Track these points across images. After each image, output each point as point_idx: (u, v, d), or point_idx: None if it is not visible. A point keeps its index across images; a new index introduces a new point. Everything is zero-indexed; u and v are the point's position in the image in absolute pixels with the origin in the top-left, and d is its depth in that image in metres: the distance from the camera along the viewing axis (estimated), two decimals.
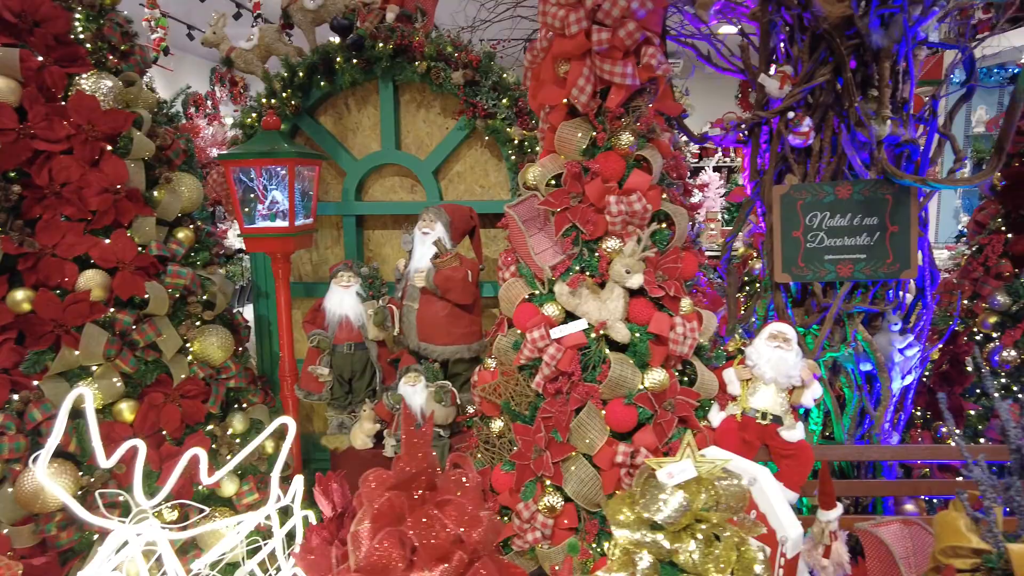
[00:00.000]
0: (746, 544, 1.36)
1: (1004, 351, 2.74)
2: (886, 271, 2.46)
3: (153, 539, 1.88)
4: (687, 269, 2.53)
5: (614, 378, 2.36)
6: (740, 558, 1.35)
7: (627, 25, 2.32)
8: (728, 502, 1.37)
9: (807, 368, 2.47)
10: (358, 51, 3.10)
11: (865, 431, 2.61)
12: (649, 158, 2.44)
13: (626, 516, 1.40)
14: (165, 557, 1.90)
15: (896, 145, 2.48)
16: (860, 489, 2.48)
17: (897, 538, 2.27)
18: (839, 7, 2.36)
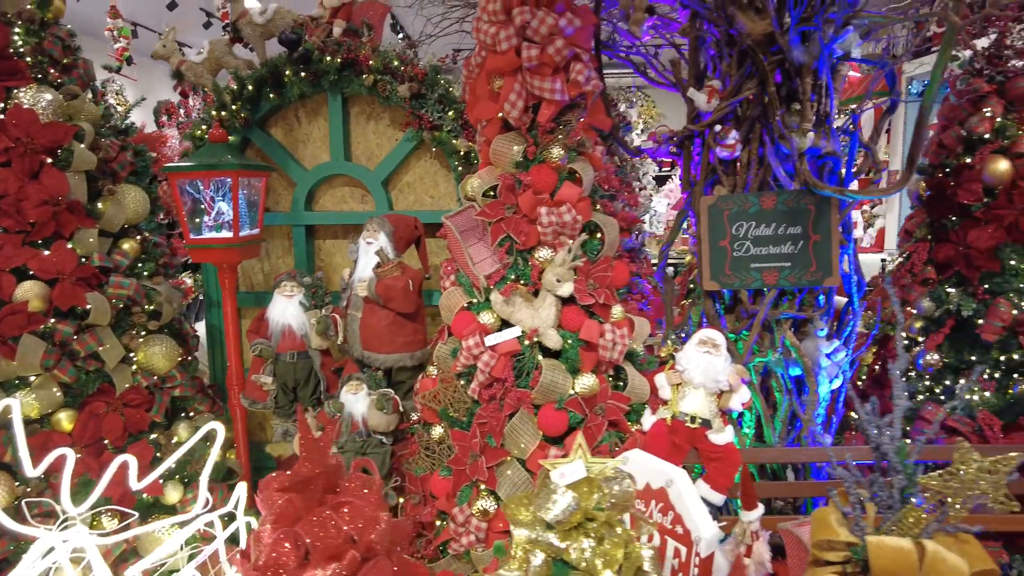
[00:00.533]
0: (632, 543, 1.43)
1: (927, 355, 2.83)
2: (809, 279, 2.54)
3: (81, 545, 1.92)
4: (618, 277, 2.61)
5: (545, 384, 2.43)
6: (628, 556, 1.41)
7: (555, 42, 2.40)
8: (616, 501, 1.43)
9: (735, 373, 2.54)
10: (306, 64, 3.16)
11: (797, 434, 2.69)
12: (580, 171, 2.51)
13: (523, 516, 1.46)
14: (93, 563, 1.93)
15: (818, 157, 2.57)
16: (783, 490, 2.55)
17: None
18: (760, 24, 2.46)
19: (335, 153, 3.37)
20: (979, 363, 2.76)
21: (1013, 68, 2.82)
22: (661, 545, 2.10)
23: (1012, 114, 2.81)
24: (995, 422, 2.65)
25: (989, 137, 2.82)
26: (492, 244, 2.57)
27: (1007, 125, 2.80)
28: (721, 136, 2.58)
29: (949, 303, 2.81)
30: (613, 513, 1.45)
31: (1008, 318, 2.68)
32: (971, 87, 2.87)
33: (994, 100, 2.83)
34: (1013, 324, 2.69)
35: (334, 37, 3.14)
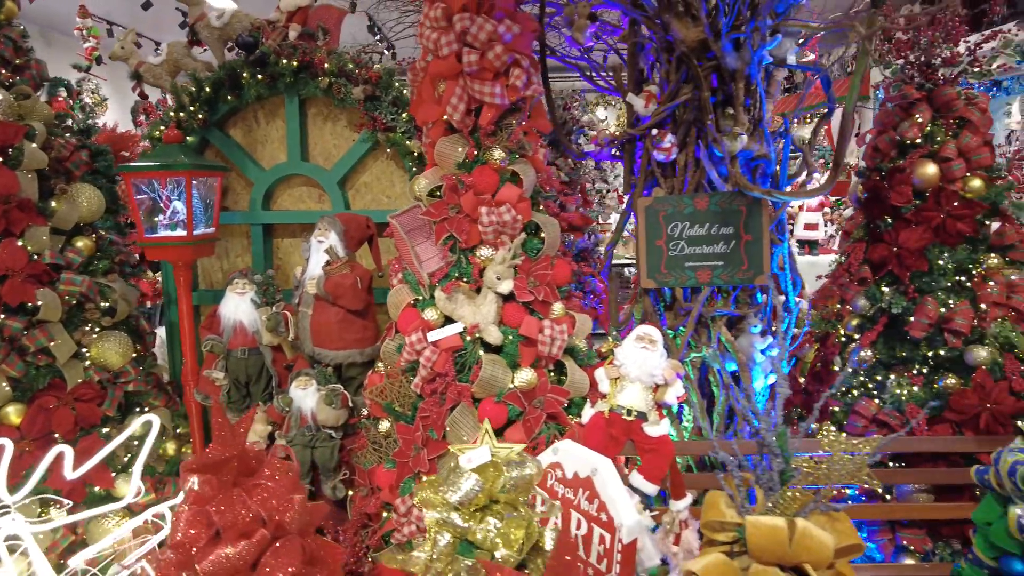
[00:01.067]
0: (533, 524, 1.51)
1: (862, 351, 2.94)
2: (741, 277, 2.64)
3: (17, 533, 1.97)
4: (559, 275, 2.69)
5: (485, 378, 2.50)
6: (529, 535, 1.49)
7: (495, 48, 2.48)
8: (516, 484, 1.50)
9: (670, 368, 2.63)
10: (262, 67, 3.22)
11: (736, 428, 2.79)
12: (520, 172, 2.59)
13: (433, 498, 1.54)
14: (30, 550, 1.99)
15: (751, 159, 2.67)
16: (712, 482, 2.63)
17: None
18: (694, 31, 2.56)
19: (292, 153, 3.44)
20: (909, 359, 2.87)
21: (941, 77, 2.94)
22: (588, 532, 2.19)
23: (940, 120, 2.93)
24: (921, 416, 2.75)
25: (920, 142, 2.93)
26: (437, 243, 2.65)
27: (935, 131, 2.91)
28: (657, 140, 2.67)
29: (882, 301, 2.91)
30: (515, 495, 1.52)
31: (934, 316, 2.78)
32: (902, 94, 2.98)
33: (923, 107, 2.94)
34: (939, 321, 2.79)
35: (290, 40, 3.20)
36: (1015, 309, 2.80)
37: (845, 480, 1.42)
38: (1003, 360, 2.74)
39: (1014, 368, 2.73)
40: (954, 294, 2.86)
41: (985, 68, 2.93)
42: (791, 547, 1.32)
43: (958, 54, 2.89)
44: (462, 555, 1.46)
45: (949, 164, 2.85)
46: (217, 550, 1.38)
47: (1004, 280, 2.85)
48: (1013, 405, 2.69)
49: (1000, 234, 2.90)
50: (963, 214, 2.85)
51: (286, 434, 2.85)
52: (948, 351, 2.80)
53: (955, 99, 2.89)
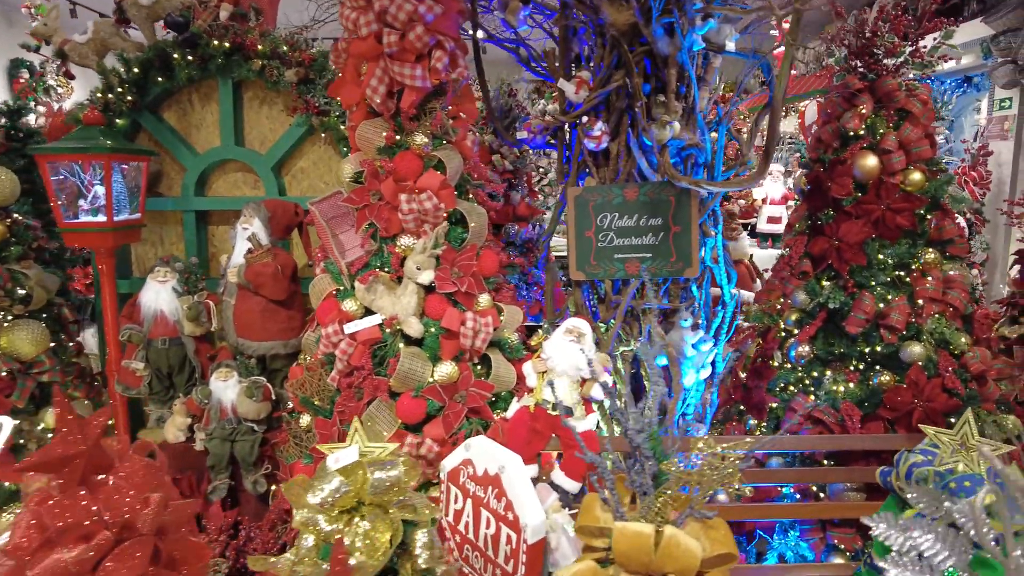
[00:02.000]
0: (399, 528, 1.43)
1: (800, 347, 2.88)
2: (670, 269, 2.57)
3: None
4: (486, 266, 2.61)
5: (403, 371, 2.43)
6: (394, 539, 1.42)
7: (415, 28, 2.39)
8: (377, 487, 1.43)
9: (597, 362, 2.57)
10: (192, 48, 3.11)
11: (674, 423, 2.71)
12: (444, 158, 2.51)
13: (301, 498, 1.46)
14: None
15: (682, 149, 2.59)
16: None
17: None
18: (623, 14, 2.47)
19: (225, 138, 3.33)
20: (846, 355, 2.81)
21: (884, 66, 2.87)
22: (496, 531, 2.12)
23: (882, 111, 2.86)
24: (856, 413, 2.70)
25: (863, 133, 2.86)
26: (357, 231, 2.56)
27: (877, 123, 2.85)
28: (587, 127, 2.58)
29: (821, 296, 2.85)
30: (385, 497, 1.45)
31: (870, 311, 2.73)
32: (845, 84, 2.91)
33: (866, 97, 2.87)
34: (876, 317, 2.74)
35: (221, 21, 3.09)
36: (951, 305, 2.75)
37: (716, 486, 1.35)
38: (938, 357, 2.70)
39: (948, 365, 2.68)
40: (893, 289, 2.80)
41: (927, 59, 2.85)
42: (656, 555, 1.25)
43: (899, 44, 2.81)
44: (323, 559, 1.38)
45: (889, 156, 2.78)
46: (53, 555, 1.30)
47: (942, 275, 2.80)
48: (946, 402, 2.64)
49: (939, 228, 2.84)
50: (902, 207, 2.79)
51: (206, 427, 2.76)
52: (884, 347, 2.74)
53: (896, 90, 2.82)
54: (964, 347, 2.72)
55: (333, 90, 2.58)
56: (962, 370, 2.71)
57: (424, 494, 2.48)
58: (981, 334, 2.92)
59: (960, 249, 2.89)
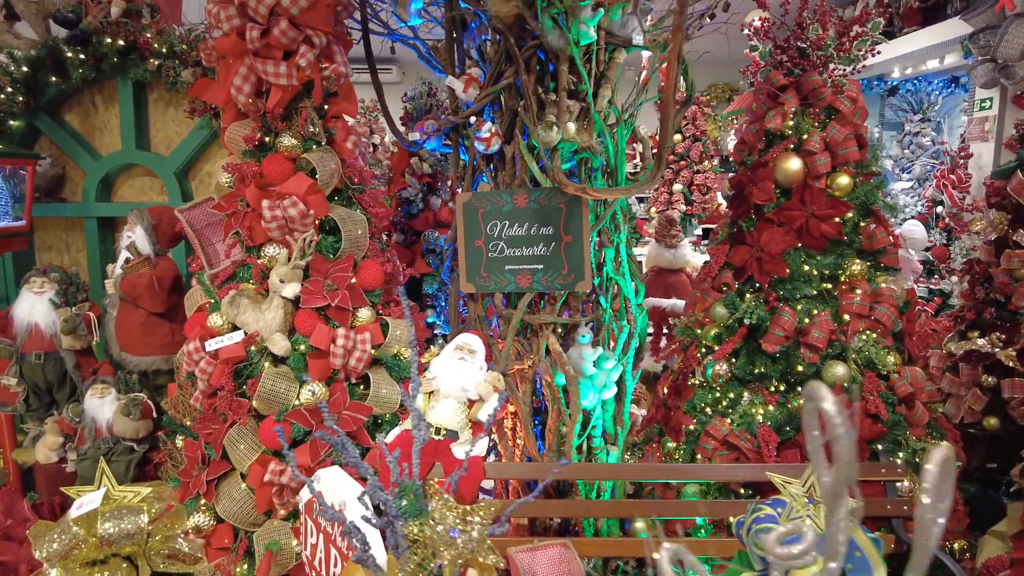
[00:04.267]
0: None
1: (716, 365, 2.65)
2: (562, 282, 2.36)
3: None
4: (366, 278, 2.42)
5: (264, 393, 2.25)
6: None
7: (280, 23, 2.22)
8: (111, 538, 1.24)
9: (486, 382, 2.37)
10: (84, 46, 2.96)
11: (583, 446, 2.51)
12: (314, 161, 2.33)
13: (39, 548, 1.28)
14: None
15: (574, 152, 2.38)
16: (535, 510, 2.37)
17: (548, 563, 2.17)
18: (507, 6, 2.27)
19: (126, 141, 3.18)
20: (766, 376, 2.59)
21: (811, 61, 2.64)
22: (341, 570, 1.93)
23: (808, 109, 2.64)
24: (773, 439, 2.47)
25: (790, 133, 2.64)
26: (225, 239, 2.39)
27: (803, 122, 2.62)
28: (475, 128, 2.39)
29: (739, 311, 2.63)
30: (133, 547, 1.26)
31: (790, 328, 2.50)
32: (769, 80, 2.69)
33: (791, 94, 2.64)
34: (797, 334, 2.51)
35: (112, 17, 2.94)
36: (879, 322, 2.51)
37: (465, 555, 1.15)
38: (863, 378, 2.47)
39: (873, 387, 2.45)
40: (819, 303, 2.58)
41: (854, 53, 2.62)
42: None
43: (823, 37, 2.59)
44: None
45: (813, 158, 2.56)
46: None
47: (871, 289, 2.57)
48: (870, 428, 2.42)
49: (870, 237, 2.61)
50: (827, 214, 2.56)
51: (79, 447, 2.60)
52: (806, 367, 2.52)
53: (822, 86, 2.59)
54: (892, 367, 2.49)
55: (197, 91, 2.41)
56: (890, 392, 2.48)
57: (288, 523, 2.30)
58: (916, 352, 2.68)
59: (892, 260, 2.66)
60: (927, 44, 6.21)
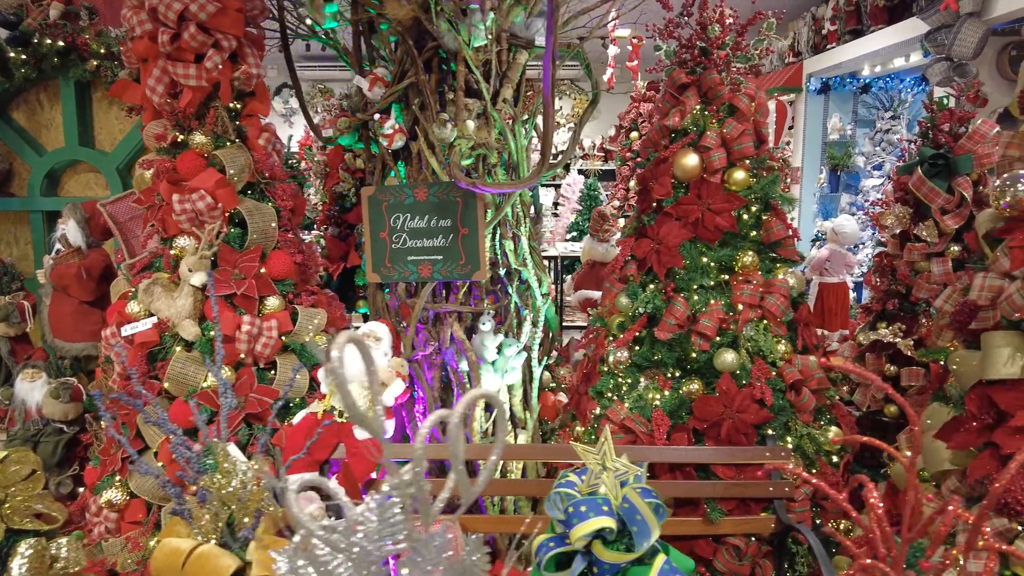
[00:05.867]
0: None
1: (617, 352, 2.76)
2: (460, 272, 2.48)
3: None
4: (275, 267, 2.55)
5: (174, 375, 2.38)
6: None
7: (189, 28, 2.35)
8: None
9: (389, 368, 2.50)
10: (24, 47, 3.10)
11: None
12: (224, 158, 2.46)
13: None
14: None
15: (472, 148, 2.50)
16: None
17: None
18: (404, 10, 2.39)
19: (69, 138, 3.33)
20: (663, 363, 2.70)
21: (712, 60, 2.74)
22: None
23: (708, 106, 2.74)
24: (665, 423, 2.58)
25: (693, 130, 2.74)
26: (142, 231, 2.53)
27: (704, 119, 2.73)
28: (378, 125, 2.51)
29: (639, 300, 2.74)
30: None
31: (682, 317, 2.61)
32: (672, 78, 2.80)
33: (692, 92, 2.75)
34: (690, 323, 2.62)
35: (50, 19, 3.08)
36: (770, 311, 2.61)
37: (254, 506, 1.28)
38: (752, 365, 2.57)
39: (761, 374, 2.55)
40: (717, 293, 2.68)
41: (750, 52, 2.72)
42: (184, 571, 1.19)
43: (721, 36, 2.69)
44: None
45: (709, 154, 2.66)
46: None
47: (764, 280, 2.67)
48: (757, 414, 2.52)
49: (767, 230, 2.71)
50: (722, 208, 2.66)
51: (9, 428, 2.75)
52: (699, 354, 2.63)
53: (720, 84, 2.70)
54: (780, 355, 2.59)
55: (117, 91, 2.55)
56: (778, 379, 2.58)
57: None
58: (812, 341, 2.78)
59: (790, 252, 2.76)
60: (893, 42, 6.28)
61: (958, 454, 1.92)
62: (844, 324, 4.12)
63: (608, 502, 1.35)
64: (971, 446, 1.87)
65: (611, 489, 1.39)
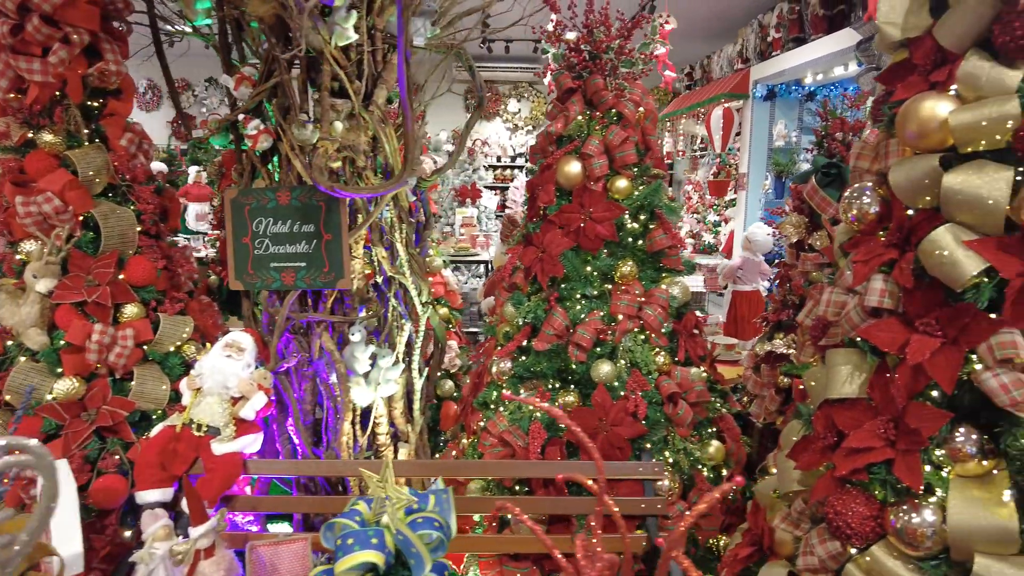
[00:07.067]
0: None
1: (500, 363, 2.69)
2: (323, 280, 2.39)
3: None
4: (136, 274, 2.44)
5: (14, 386, 2.26)
6: None
7: (32, 20, 2.23)
8: None
9: (249, 380, 2.40)
10: None
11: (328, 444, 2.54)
12: (76, 158, 2.34)
13: None
14: None
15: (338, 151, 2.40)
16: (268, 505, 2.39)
17: (292, 556, 2.20)
18: (266, 6, 2.29)
19: None
20: (543, 373, 2.63)
21: (597, 64, 2.68)
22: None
23: (593, 112, 2.68)
24: (541, 436, 2.51)
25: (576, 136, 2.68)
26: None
27: (587, 124, 2.66)
28: (242, 127, 2.41)
29: (521, 310, 2.67)
30: None
31: (560, 327, 2.55)
32: (559, 83, 2.73)
33: (576, 97, 2.69)
34: (568, 333, 2.55)
35: None
36: (648, 322, 2.56)
37: None
38: (629, 376, 2.51)
39: (638, 386, 2.49)
40: (601, 303, 2.62)
41: (635, 56, 2.67)
42: None
43: (603, 41, 2.63)
44: None
45: (591, 161, 2.60)
46: None
47: (644, 290, 2.61)
48: (631, 427, 2.46)
49: (651, 239, 2.66)
50: (604, 216, 2.60)
51: None
52: (578, 366, 2.56)
53: (603, 89, 2.64)
54: (656, 367, 2.53)
55: None
56: (656, 392, 2.52)
57: None
58: (697, 353, 2.73)
59: (673, 261, 2.71)
60: (832, 51, 6.30)
61: (806, 474, 1.87)
62: (757, 332, 4.08)
63: (380, 534, 1.27)
64: (816, 466, 1.82)
65: (392, 518, 1.31)
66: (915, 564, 1.52)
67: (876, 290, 1.66)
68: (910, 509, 1.52)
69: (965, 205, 1.50)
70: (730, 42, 8.52)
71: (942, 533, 1.48)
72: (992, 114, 1.47)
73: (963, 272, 1.48)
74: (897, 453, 1.58)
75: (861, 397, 1.70)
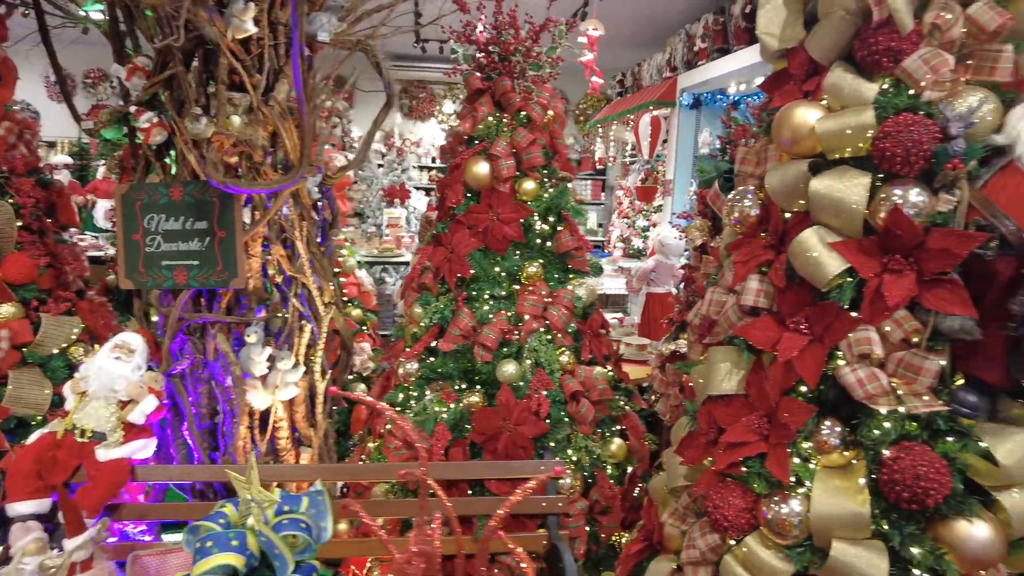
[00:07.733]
0: None
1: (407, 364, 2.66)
2: (216, 279, 2.32)
3: None
4: (13, 271, 2.31)
5: None
6: None
7: None
8: None
9: (138, 384, 2.30)
10: None
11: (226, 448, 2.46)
12: None
13: None
14: None
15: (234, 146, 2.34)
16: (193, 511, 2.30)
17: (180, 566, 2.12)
18: None
19: None
20: (450, 374, 2.62)
21: (506, 66, 2.69)
22: None
23: (502, 114, 2.69)
24: (445, 437, 2.50)
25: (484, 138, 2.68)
26: None
27: (495, 126, 2.67)
28: (134, 119, 2.32)
29: (428, 311, 2.65)
30: None
31: (466, 327, 2.54)
32: (468, 84, 2.73)
33: (485, 99, 2.69)
34: (475, 334, 2.55)
35: None
36: (552, 323, 2.58)
37: None
38: (533, 376, 2.53)
39: (543, 386, 2.51)
40: (509, 304, 2.63)
41: (543, 59, 2.69)
42: None
43: (510, 43, 2.65)
44: None
45: (498, 162, 2.61)
46: None
47: (550, 291, 2.64)
48: (534, 426, 2.47)
49: (558, 241, 2.69)
50: (510, 218, 2.61)
51: None
52: (484, 366, 2.56)
53: (510, 91, 2.65)
54: (560, 366, 2.56)
55: None
56: (559, 391, 2.55)
57: None
58: (601, 352, 2.78)
59: (580, 263, 2.74)
60: (753, 61, 6.52)
61: (692, 469, 1.92)
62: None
63: (242, 536, 1.23)
64: (700, 461, 1.87)
65: (257, 520, 1.27)
66: (784, 553, 1.57)
67: (752, 290, 1.72)
68: (780, 500, 1.58)
69: (830, 208, 1.57)
70: (659, 50, 8.72)
71: (807, 521, 1.54)
72: (852, 123, 1.55)
73: (827, 272, 1.55)
74: (769, 447, 1.64)
75: (739, 393, 1.76)
